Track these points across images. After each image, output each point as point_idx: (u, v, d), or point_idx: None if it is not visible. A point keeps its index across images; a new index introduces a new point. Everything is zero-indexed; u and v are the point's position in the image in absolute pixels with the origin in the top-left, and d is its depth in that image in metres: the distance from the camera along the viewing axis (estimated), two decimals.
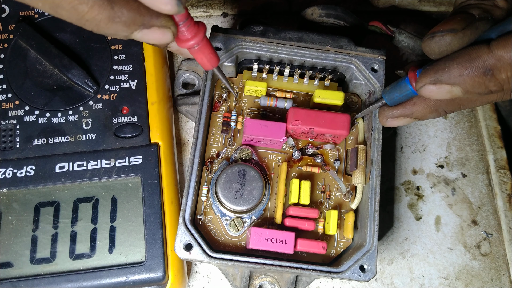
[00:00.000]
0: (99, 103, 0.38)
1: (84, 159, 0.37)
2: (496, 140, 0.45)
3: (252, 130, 0.35)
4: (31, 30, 0.38)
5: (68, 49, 0.39)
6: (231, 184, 0.34)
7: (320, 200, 0.37)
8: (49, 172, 0.36)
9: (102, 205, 0.36)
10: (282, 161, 0.37)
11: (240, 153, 0.37)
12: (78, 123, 0.38)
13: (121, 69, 0.39)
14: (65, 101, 0.38)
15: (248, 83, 0.37)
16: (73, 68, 0.37)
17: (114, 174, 0.37)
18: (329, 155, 0.38)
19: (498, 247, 0.42)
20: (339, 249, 0.36)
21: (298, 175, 0.37)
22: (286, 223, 0.35)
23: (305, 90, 0.39)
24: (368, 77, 0.37)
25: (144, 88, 0.39)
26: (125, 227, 0.36)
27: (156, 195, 0.36)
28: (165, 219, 0.37)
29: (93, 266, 0.35)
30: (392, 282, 0.41)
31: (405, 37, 0.39)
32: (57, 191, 0.36)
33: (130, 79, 0.39)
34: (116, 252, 0.35)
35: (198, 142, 0.35)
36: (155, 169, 0.37)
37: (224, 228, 0.36)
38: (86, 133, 0.38)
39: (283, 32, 0.37)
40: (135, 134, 0.38)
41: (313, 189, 0.37)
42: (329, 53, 0.37)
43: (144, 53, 0.39)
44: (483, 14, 0.29)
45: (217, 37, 0.37)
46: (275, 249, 0.34)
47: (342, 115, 0.35)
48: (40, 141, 0.37)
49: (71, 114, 0.38)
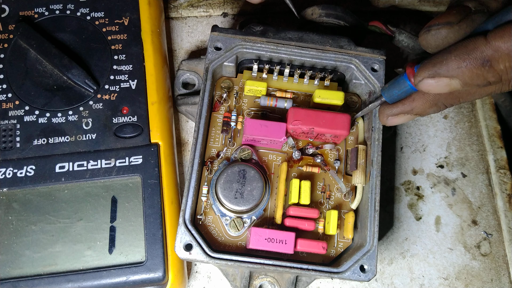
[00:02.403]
0: (99, 103, 0.38)
1: (84, 159, 0.37)
2: (496, 140, 0.45)
3: (252, 130, 0.35)
4: (31, 30, 0.37)
5: (68, 49, 0.39)
6: (231, 184, 0.34)
7: (320, 200, 0.37)
8: (49, 172, 0.36)
9: (102, 205, 0.36)
10: (282, 161, 0.37)
11: (240, 153, 0.37)
12: (78, 123, 0.38)
13: (121, 69, 0.39)
14: (65, 101, 0.38)
15: (248, 83, 0.37)
16: (73, 68, 0.37)
17: (114, 174, 0.37)
18: (329, 155, 0.38)
19: (498, 247, 0.42)
20: (339, 249, 0.36)
21: (298, 175, 0.37)
22: (286, 223, 0.35)
23: (305, 90, 0.39)
24: (368, 77, 0.37)
25: (144, 88, 0.39)
26: (125, 227, 0.36)
27: (156, 195, 0.36)
28: (165, 219, 0.37)
29: (93, 266, 0.35)
30: (392, 282, 0.41)
31: (405, 37, 0.39)
32: (57, 191, 0.36)
33: (130, 79, 0.39)
34: (116, 252, 0.35)
35: (198, 142, 0.35)
36: (155, 169, 0.37)
37: (224, 228, 0.36)
38: (86, 133, 0.38)
39: (283, 32, 0.37)
40: (135, 134, 0.38)
41: (313, 189, 0.37)
42: (329, 53, 0.37)
43: (144, 53, 0.39)
44: (479, 7, 0.29)
45: (217, 37, 0.37)
46: (275, 249, 0.34)
47: (342, 115, 0.35)
48: (40, 141, 0.37)
49: (71, 114, 0.38)
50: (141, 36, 0.40)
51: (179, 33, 0.47)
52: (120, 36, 0.39)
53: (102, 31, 0.39)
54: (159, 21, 0.42)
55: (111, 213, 0.36)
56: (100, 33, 0.39)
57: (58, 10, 0.39)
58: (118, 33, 0.39)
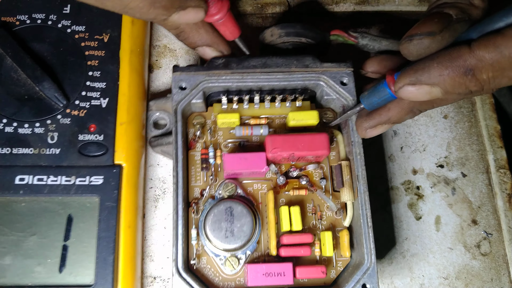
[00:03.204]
0: (67, 118, 0.37)
1: (45, 173, 0.36)
2: (496, 140, 0.44)
3: (232, 165, 0.34)
4: (8, 37, 0.38)
5: (44, 60, 0.39)
6: (219, 223, 0.33)
7: (313, 222, 0.36)
8: (9, 183, 0.35)
9: (58, 222, 0.35)
10: (268, 189, 0.37)
11: (224, 189, 0.36)
12: (44, 136, 0.37)
13: (94, 85, 0.38)
14: (34, 112, 0.37)
15: (220, 117, 0.37)
16: (45, 80, 0.37)
17: (72, 193, 0.35)
18: (314, 174, 0.37)
19: (498, 246, 0.42)
20: (339, 268, 0.35)
21: (286, 201, 0.36)
22: (282, 253, 0.34)
23: (278, 113, 0.38)
24: (339, 92, 0.37)
25: (115, 107, 0.38)
26: (77, 248, 0.35)
27: (112, 218, 0.35)
28: (120, 243, 0.35)
29: (41, 283, 0.34)
30: (392, 282, 0.40)
31: (368, 40, 0.39)
32: (14, 203, 0.35)
33: (102, 97, 0.38)
34: (66, 272, 0.34)
35: (179, 186, 0.34)
36: (114, 191, 0.36)
37: (220, 268, 0.35)
38: (51, 147, 0.36)
39: (246, 61, 0.37)
40: (99, 154, 0.37)
41: (304, 212, 0.36)
42: (296, 74, 0.37)
43: (120, 72, 0.39)
44: (460, 15, 0.29)
45: (179, 77, 0.36)
46: (274, 283, 0.33)
47: (320, 136, 0.35)
48: (4, 150, 0.36)
49: (38, 126, 0.37)
50: (119, 55, 0.39)
51: None
52: (98, 52, 0.39)
53: (80, 45, 0.39)
54: (141, 40, 0.42)
55: (65, 231, 0.35)
56: (78, 47, 0.39)
57: (40, 20, 0.40)
58: (96, 49, 0.39)
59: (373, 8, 0.49)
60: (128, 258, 0.35)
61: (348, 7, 0.49)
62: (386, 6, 0.49)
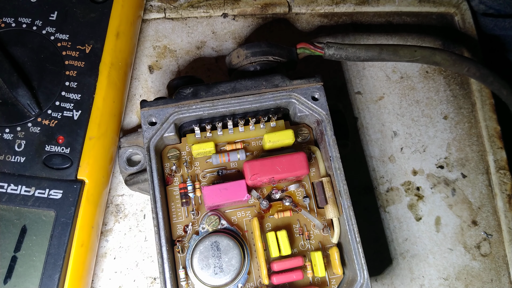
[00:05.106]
0: (37, 127, 0.36)
1: (6, 181, 0.35)
2: (496, 141, 0.44)
3: (212, 198, 0.33)
4: None
5: (23, 65, 0.37)
6: (207, 260, 0.32)
7: (301, 242, 0.36)
8: None
9: (11, 232, 0.34)
10: (252, 215, 0.36)
11: (207, 222, 0.35)
12: (12, 142, 0.36)
13: (69, 96, 0.37)
14: (6, 117, 0.36)
15: (194, 148, 0.35)
16: (19, 86, 0.36)
17: (30, 204, 0.34)
18: (297, 193, 0.37)
19: (498, 247, 0.41)
20: (333, 287, 0.35)
21: (272, 225, 0.36)
22: (274, 281, 0.33)
23: (254, 135, 0.37)
24: (311, 107, 0.36)
25: (86, 121, 0.37)
26: (26, 261, 0.34)
27: (64, 235, 0.34)
28: (70, 261, 0.34)
29: None
30: (392, 283, 0.40)
31: (334, 49, 0.38)
32: None
33: (75, 109, 0.37)
34: (10, 284, 0.33)
35: (161, 227, 0.33)
36: (71, 207, 0.35)
37: None
38: (16, 154, 0.35)
39: (214, 87, 0.36)
40: (63, 167, 0.36)
41: (291, 233, 0.36)
42: (267, 95, 0.36)
43: (97, 85, 0.38)
44: None
45: (148, 112, 0.35)
46: None
47: (297, 155, 0.34)
48: None
49: (7, 132, 0.36)
50: (99, 67, 0.38)
51: (179, 33, 0.46)
52: (77, 63, 0.38)
53: (61, 54, 0.38)
54: (125, 55, 0.41)
55: (17, 242, 0.34)
56: (59, 55, 0.38)
57: (25, 24, 0.39)
58: (76, 59, 0.38)
59: (373, 9, 0.50)
60: (76, 277, 0.34)
61: (348, 7, 0.50)
62: (386, 6, 0.49)
